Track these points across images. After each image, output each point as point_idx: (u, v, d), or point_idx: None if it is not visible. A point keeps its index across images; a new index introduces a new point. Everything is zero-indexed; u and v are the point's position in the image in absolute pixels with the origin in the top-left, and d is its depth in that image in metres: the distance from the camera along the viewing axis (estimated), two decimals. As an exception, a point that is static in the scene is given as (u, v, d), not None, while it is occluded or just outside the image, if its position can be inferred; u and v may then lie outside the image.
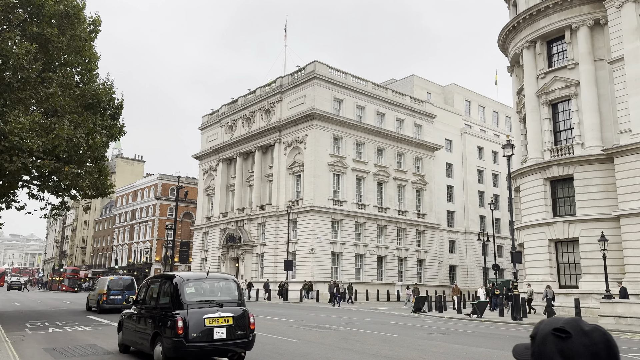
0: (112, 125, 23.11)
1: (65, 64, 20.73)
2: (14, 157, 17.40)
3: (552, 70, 29.28)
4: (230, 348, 9.18)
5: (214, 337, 8.82)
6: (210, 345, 8.84)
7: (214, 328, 8.91)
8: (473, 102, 69.59)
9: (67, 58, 20.58)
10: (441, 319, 22.87)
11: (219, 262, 57.65)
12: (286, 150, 51.35)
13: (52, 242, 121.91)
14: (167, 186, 76.40)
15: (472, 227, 62.46)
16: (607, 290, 22.62)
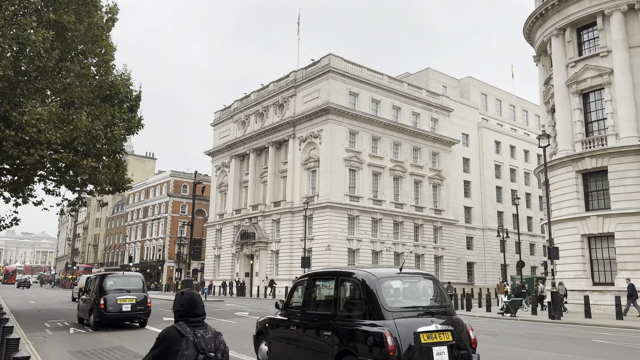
0: (130, 118, 22.32)
1: (82, 53, 19.95)
2: (31, 150, 16.63)
3: (583, 58, 28.11)
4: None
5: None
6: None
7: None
8: (489, 96, 68.29)
9: (84, 47, 19.79)
10: (474, 318, 21.87)
11: (232, 259, 56.96)
12: (301, 145, 50.46)
13: (63, 240, 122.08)
14: (179, 183, 75.86)
15: (490, 223, 61.27)
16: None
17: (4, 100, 16.42)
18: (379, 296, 6.71)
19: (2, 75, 15.50)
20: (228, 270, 57.23)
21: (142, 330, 14.83)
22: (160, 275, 71.95)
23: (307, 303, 8.09)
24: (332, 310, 7.43)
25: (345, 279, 7.49)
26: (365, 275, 7.12)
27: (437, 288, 7.46)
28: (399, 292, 7.34)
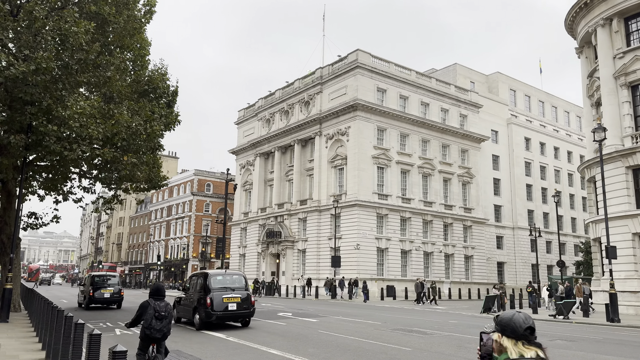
0: (168, 114, 21.81)
1: (121, 46, 19.46)
2: (74, 145, 16.16)
3: (632, 49, 26.84)
4: None
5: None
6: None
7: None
8: (518, 92, 66.72)
9: (123, 40, 19.29)
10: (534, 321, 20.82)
11: (258, 258, 56.49)
12: (327, 143, 49.70)
13: (87, 239, 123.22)
14: (203, 182, 75.72)
15: (520, 222, 59.83)
16: None
17: (46, 94, 15.98)
18: (210, 283, 15.73)
19: (45, 68, 15.03)
20: (253, 269, 56.76)
21: (196, 333, 14.23)
22: (184, 274, 71.87)
23: (191, 286, 17.12)
24: (198, 289, 16.20)
25: (203, 275, 16.57)
26: (207, 273, 16.46)
27: (241, 279, 16.90)
28: (221, 281, 16.22)
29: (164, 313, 7.28)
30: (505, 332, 2.79)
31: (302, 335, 13.43)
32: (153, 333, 7.18)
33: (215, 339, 13.05)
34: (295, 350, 10.76)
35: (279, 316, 19.26)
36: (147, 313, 7.25)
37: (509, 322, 2.77)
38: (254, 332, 14.45)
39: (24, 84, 15.44)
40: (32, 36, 15.57)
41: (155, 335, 7.20)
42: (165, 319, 7.30)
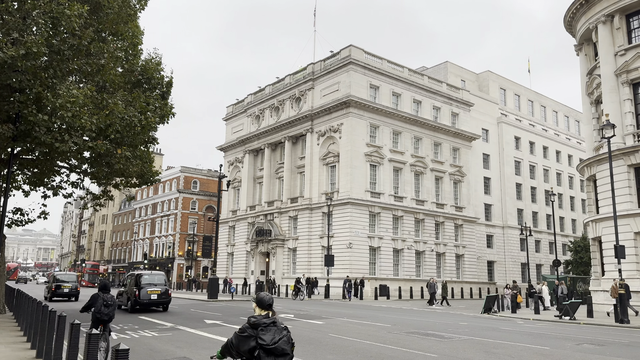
0: (162, 105, 20.79)
1: (114, 34, 18.42)
2: (65, 136, 15.10)
3: (634, 46, 26.58)
4: None
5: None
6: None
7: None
8: (508, 91, 66.73)
9: (117, 27, 18.25)
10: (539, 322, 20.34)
11: (247, 256, 55.47)
12: (319, 139, 48.91)
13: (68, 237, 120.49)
14: (190, 179, 74.30)
15: (510, 221, 59.81)
16: None
17: (35, 81, 14.91)
18: (140, 281, 23.06)
19: (36, 53, 13.98)
20: (242, 268, 55.75)
21: (198, 337, 13.34)
22: (170, 272, 70.45)
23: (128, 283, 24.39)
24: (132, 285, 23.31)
25: (136, 275, 24.08)
26: (138, 273, 24.28)
27: (162, 278, 24.53)
28: (148, 279, 23.41)
29: (110, 302, 9.73)
30: (259, 304, 4.83)
31: (314, 339, 12.63)
32: (102, 317, 9.55)
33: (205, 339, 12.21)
34: (313, 357, 9.98)
35: (282, 318, 18.42)
36: (97, 302, 9.63)
37: (261, 298, 4.87)
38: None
39: (12, 70, 14.38)
40: (21, 18, 14.48)
41: (103, 318, 9.58)
42: (111, 306, 9.72)
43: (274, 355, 4.50)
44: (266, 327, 4.56)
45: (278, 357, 4.51)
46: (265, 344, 4.48)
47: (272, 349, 4.50)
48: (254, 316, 4.70)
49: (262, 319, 4.62)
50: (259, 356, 4.45)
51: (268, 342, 4.49)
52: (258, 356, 4.45)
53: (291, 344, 4.69)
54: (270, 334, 4.54)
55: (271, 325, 4.60)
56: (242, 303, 29.91)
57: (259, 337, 4.49)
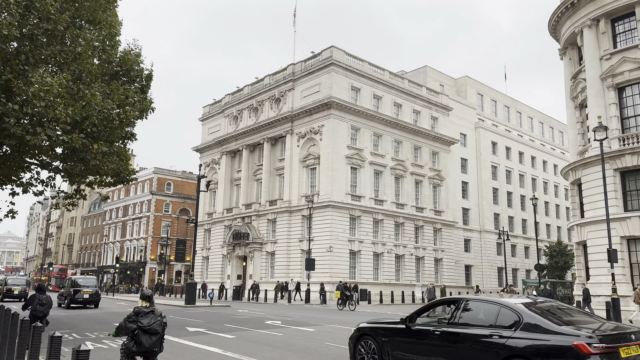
0: (142, 100, 19.61)
1: (92, 21, 17.22)
2: (37, 128, 13.87)
3: (620, 50, 26.65)
4: None
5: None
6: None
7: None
8: (485, 96, 67.27)
9: (95, 14, 17.07)
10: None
11: (223, 260, 54.09)
12: (299, 141, 48.07)
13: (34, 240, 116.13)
14: (163, 181, 72.37)
15: (487, 225, 60.09)
16: None
17: (5, 67, 13.66)
18: (75, 284, 30.55)
19: (6, 36, 12.75)
20: (218, 272, 54.34)
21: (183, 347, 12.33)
22: (141, 277, 68.35)
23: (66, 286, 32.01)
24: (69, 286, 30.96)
25: (73, 279, 32.14)
26: (75, 278, 32.63)
27: (94, 281, 33.14)
28: (82, 282, 31.30)
29: (45, 302, 11.92)
30: (142, 298, 6.69)
31: (311, 349, 11.75)
32: (37, 313, 11.71)
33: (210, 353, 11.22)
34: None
35: (269, 325, 17.45)
36: (34, 302, 11.81)
37: (143, 294, 6.86)
38: (253, 345, 12.67)
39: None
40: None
41: (38, 314, 11.69)
42: (45, 305, 11.97)
43: (149, 334, 6.45)
44: (145, 314, 6.54)
45: (152, 335, 6.47)
46: (143, 326, 6.44)
47: (148, 329, 6.44)
48: (137, 306, 6.65)
49: (142, 309, 6.59)
50: (138, 334, 6.40)
51: (145, 324, 6.45)
52: (137, 334, 6.40)
53: (162, 326, 6.60)
54: (148, 319, 6.50)
55: (150, 313, 6.57)
56: (222, 309, 28.71)
57: (139, 321, 6.46)
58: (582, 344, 6.41)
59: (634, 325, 8.25)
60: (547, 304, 7.93)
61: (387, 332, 8.83)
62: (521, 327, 7.10)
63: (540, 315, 7.21)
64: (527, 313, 7.26)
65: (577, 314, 7.90)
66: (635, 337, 6.86)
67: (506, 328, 7.26)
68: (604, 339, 6.53)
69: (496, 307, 7.70)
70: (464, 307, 8.14)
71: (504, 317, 7.45)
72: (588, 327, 7.08)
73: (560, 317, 7.38)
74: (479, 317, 7.88)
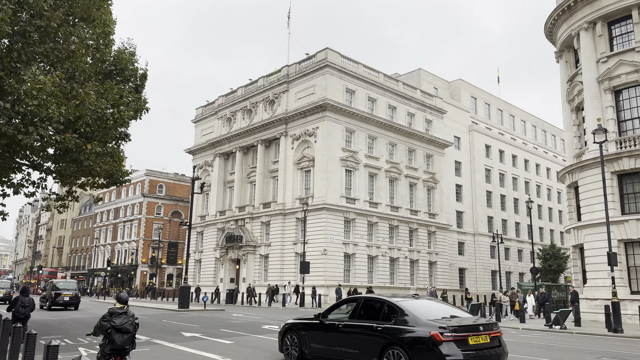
0: (136, 99, 19.23)
1: (86, 19, 16.83)
2: (30, 128, 13.45)
3: (617, 53, 26.67)
4: None
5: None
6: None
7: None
8: (479, 99, 67.37)
9: (89, 11, 16.68)
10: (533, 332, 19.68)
11: (216, 263, 53.57)
12: (293, 143, 47.76)
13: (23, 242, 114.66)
14: (155, 183, 71.68)
15: (481, 229, 60.08)
16: None
17: (-4, 64, 13.25)
18: (56, 287, 33.14)
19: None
20: (211, 275, 53.80)
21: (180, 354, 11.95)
22: (132, 280, 67.59)
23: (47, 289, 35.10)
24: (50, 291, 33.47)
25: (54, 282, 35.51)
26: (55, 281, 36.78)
27: (74, 284, 35.90)
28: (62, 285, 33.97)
29: (27, 304, 12.59)
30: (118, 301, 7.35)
31: None
32: (19, 315, 12.35)
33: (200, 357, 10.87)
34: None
35: (266, 329, 17.10)
36: (17, 304, 12.46)
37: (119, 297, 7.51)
38: (253, 351, 12.33)
39: (-31, 51, 12.70)
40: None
41: (20, 316, 12.33)
42: (28, 307, 12.62)
43: (121, 333, 7.04)
44: (118, 315, 7.15)
45: (124, 334, 7.06)
46: (116, 325, 7.04)
47: (120, 328, 7.04)
48: (111, 307, 7.30)
49: (116, 310, 7.21)
50: (111, 333, 6.99)
51: (117, 324, 7.05)
52: (111, 333, 6.99)
53: (134, 326, 7.22)
54: (120, 319, 7.11)
55: (122, 314, 7.17)
56: (217, 313, 28.26)
57: (112, 320, 7.07)
58: (436, 333, 8.07)
59: (491, 320, 10.75)
60: (424, 301, 9.71)
61: (306, 327, 10.49)
62: (398, 320, 8.67)
63: (413, 310, 8.76)
64: (402, 309, 8.82)
65: (450, 310, 9.43)
66: (483, 328, 8.52)
67: (388, 321, 8.83)
68: (455, 330, 8.18)
69: (384, 304, 9.23)
70: (362, 305, 9.74)
71: (387, 312, 9.02)
72: (449, 320, 8.59)
73: (431, 313, 8.83)
74: (370, 313, 9.43)
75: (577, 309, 22.06)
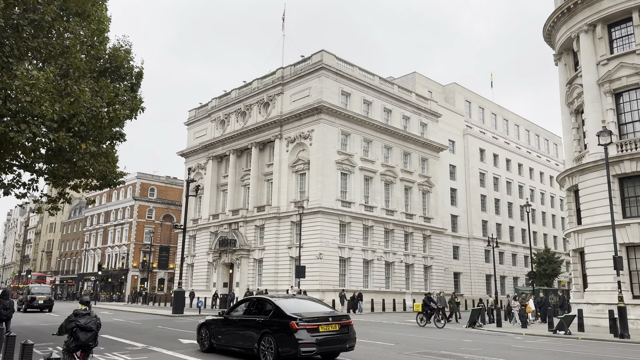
0: (131, 98, 18.67)
1: (81, 14, 16.26)
2: (22, 125, 12.85)
3: (617, 55, 26.51)
4: None
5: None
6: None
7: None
8: (473, 103, 67.35)
9: (84, 6, 16.12)
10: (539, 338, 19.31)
11: (209, 268, 52.80)
12: (288, 146, 47.24)
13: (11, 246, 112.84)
14: (146, 186, 70.73)
15: (475, 233, 59.89)
16: None
17: (-13, 59, 12.65)
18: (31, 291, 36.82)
19: (-10, 24, 11.77)
20: (203, 280, 53.01)
21: None
22: (123, 285, 66.52)
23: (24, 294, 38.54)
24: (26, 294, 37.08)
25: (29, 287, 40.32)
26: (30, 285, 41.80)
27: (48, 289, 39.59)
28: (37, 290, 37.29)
29: (8, 306, 13.94)
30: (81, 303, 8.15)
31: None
32: (2, 317, 13.66)
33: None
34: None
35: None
36: None
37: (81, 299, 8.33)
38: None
39: (-41, 44, 12.09)
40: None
41: (3, 318, 13.70)
42: (9, 309, 13.97)
43: (85, 331, 7.78)
44: (82, 315, 7.89)
45: (87, 332, 7.80)
46: (80, 324, 7.79)
47: (84, 327, 7.78)
48: (76, 309, 8.01)
49: (80, 311, 7.95)
50: (76, 331, 7.74)
51: (82, 323, 7.80)
52: (75, 332, 7.74)
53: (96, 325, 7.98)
54: (85, 319, 7.88)
55: (86, 314, 7.93)
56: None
57: (77, 320, 7.81)
58: (293, 323, 10.70)
59: (339, 312, 12.52)
60: (296, 300, 12.87)
61: (214, 323, 13.26)
62: (274, 314, 11.36)
63: (283, 307, 11.38)
64: (277, 305, 11.50)
65: (313, 306, 12.22)
66: (332, 319, 11.30)
67: (266, 315, 11.58)
68: (308, 320, 10.82)
69: (267, 302, 12.00)
70: (253, 303, 12.68)
71: (267, 309, 11.75)
72: (308, 313, 11.20)
73: (297, 308, 11.47)
74: (258, 309, 12.17)
75: (581, 314, 21.73)
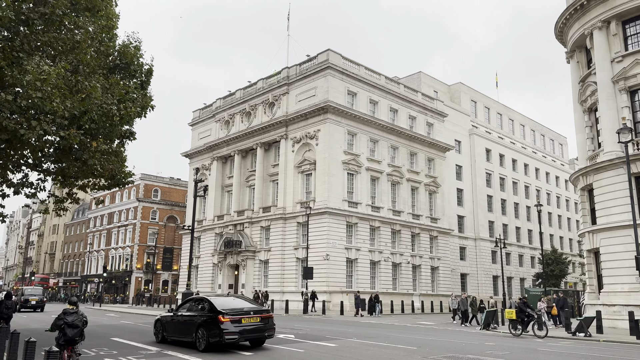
0: (142, 96, 18.27)
1: (92, 9, 15.87)
2: (32, 122, 12.45)
3: (632, 52, 26.08)
4: None
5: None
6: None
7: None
8: (479, 103, 66.90)
9: (94, 2, 15.73)
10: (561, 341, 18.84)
11: (214, 269, 52.37)
12: (294, 146, 46.83)
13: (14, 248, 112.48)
14: (150, 187, 70.35)
15: (482, 233, 59.42)
16: None
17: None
18: (24, 293, 42.30)
19: (0, 18, 11.38)
20: (208, 281, 52.59)
21: None
22: (127, 287, 66.10)
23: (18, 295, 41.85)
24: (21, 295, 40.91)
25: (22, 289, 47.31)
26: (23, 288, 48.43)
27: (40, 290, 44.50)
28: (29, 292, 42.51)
29: (10, 306, 15.33)
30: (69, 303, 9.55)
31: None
32: (3, 315, 14.96)
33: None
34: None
35: (282, 339, 16.08)
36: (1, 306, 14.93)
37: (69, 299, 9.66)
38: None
39: (-32, 38, 11.70)
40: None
41: (4, 316, 14.93)
42: (10, 309, 15.35)
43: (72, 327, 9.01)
44: (70, 314, 9.13)
45: (74, 328, 9.04)
46: (68, 322, 9.02)
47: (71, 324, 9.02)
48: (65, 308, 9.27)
49: (69, 310, 9.20)
50: (64, 328, 8.97)
51: (70, 321, 9.04)
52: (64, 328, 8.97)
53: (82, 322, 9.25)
54: (72, 317, 9.09)
55: (74, 313, 9.15)
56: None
57: (65, 318, 9.07)
58: (219, 316, 12.98)
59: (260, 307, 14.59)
60: (229, 298, 15.99)
61: (166, 318, 15.60)
62: (208, 310, 13.60)
63: (215, 303, 13.70)
64: (211, 302, 13.84)
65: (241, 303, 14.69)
66: (254, 313, 13.76)
67: (204, 311, 13.76)
68: (232, 313, 13.25)
69: (204, 300, 14.35)
70: (194, 301, 15.02)
71: (204, 306, 14.00)
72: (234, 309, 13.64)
73: (227, 305, 13.83)
74: (198, 307, 14.36)
75: (600, 316, 21.27)
